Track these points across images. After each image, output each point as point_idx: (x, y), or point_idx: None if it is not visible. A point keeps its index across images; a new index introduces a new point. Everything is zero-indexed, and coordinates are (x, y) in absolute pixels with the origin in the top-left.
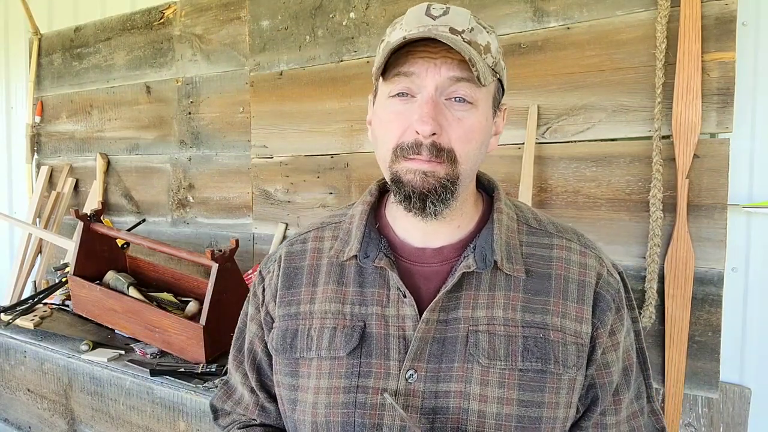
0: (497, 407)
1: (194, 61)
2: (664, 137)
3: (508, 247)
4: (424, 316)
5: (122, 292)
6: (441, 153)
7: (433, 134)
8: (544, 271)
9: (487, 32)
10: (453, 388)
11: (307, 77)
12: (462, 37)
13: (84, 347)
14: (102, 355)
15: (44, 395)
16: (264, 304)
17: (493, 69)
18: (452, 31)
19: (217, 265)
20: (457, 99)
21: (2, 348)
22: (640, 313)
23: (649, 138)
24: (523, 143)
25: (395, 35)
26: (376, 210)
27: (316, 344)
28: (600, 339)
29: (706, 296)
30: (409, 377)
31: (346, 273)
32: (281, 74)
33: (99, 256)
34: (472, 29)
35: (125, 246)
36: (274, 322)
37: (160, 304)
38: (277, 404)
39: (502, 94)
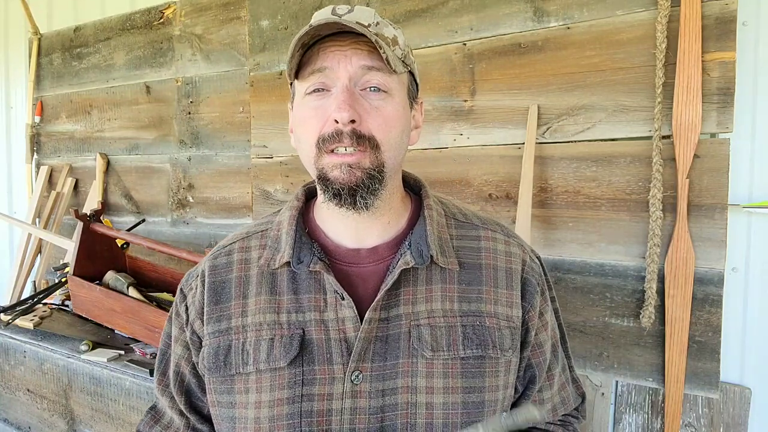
0: (443, 397)
1: (194, 60)
2: (664, 137)
3: (440, 242)
4: (366, 316)
5: (122, 292)
6: (362, 140)
7: (353, 122)
8: (475, 262)
9: (393, 28)
10: (400, 384)
11: None
12: (369, 30)
13: (84, 347)
14: (102, 355)
15: (44, 395)
16: (189, 323)
17: (403, 61)
18: (359, 24)
19: None
20: (372, 88)
21: (2, 348)
22: (640, 313)
23: (649, 138)
24: (523, 143)
25: (303, 30)
26: (304, 215)
27: (253, 358)
28: (532, 321)
29: (707, 296)
30: (355, 378)
31: (279, 281)
32: (281, 74)
33: (99, 256)
34: (378, 23)
35: (125, 246)
36: (202, 340)
37: (160, 304)
38: (210, 425)
39: (417, 89)
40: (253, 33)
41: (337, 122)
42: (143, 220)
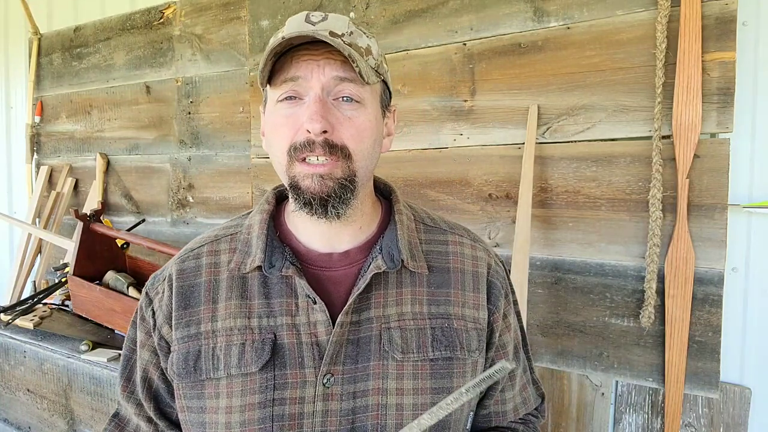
0: (413, 398)
1: (194, 60)
2: (664, 137)
3: (410, 246)
4: (338, 319)
5: (122, 292)
6: (335, 149)
7: (325, 132)
8: (443, 266)
9: (367, 36)
10: (371, 386)
11: None
12: (342, 40)
13: (84, 347)
14: (102, 355)
15: (44, 395)
16: (156, 328)
17: (376, 70)
18: (332, 34)
19: None
20: (345, 98)
21: (2, 348)
22: (640, 313)
23: (649, 138)
24: (524, 143)
25: (276, 40)
26: (275, 218)
27: (224, 363)
28: (496, 323)
29: (707, 296)
30: (327, 382)
31: (249, 286)
32: None
33: (99, 256)
34: (352, 33)
35: (125, 246)
36: (170, 346)
37: None
38: (179, 431)
39: (390, 97)
40: (253, 33)
41: (309, 132)
42: (143, 220)
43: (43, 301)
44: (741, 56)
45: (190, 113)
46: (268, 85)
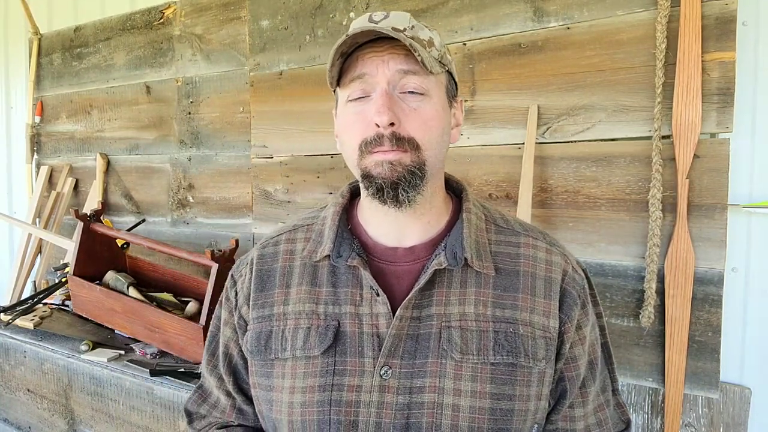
0: (470, 401)
1: (194, 61)
2: (664, 137)
3: (477, 245)
4: (397, 313)
5: (122, 292)
6: (402, 142)
7: (392, 124)
8: (512, 268)
9: (429, 30)
10: (427, 383)
11: (307, 77)
12: (405, 34)
13: (84, 347)
14: (102, 355)
15: (44, 395)
16: (237, 307)
17: (440, 61)
18: (394, 30)
19: (217, 265)
20: (411, 91)
21: (2, 348)
22: (640, 313)
23: (649, 138)
24: (523, 143)
25: (341, 39)
26: (348, 212)
27: (291, 344)
28: (567, 333)
29: (707, 296)
30: (384, 373)
31: (320, 274)
32: (281, 74)
33: (99, 256)
34: (413, 27)
35: (125, 246)
36: (248, 324)
37: (160, 304)
38: (254, 406)
39: (456, 88)
40: (253, 33)
41: (377, 126)
42: (143, 220)
43: (43, 301)
44: (741, 56)
45: (190, 113)
46: (338, 87)
